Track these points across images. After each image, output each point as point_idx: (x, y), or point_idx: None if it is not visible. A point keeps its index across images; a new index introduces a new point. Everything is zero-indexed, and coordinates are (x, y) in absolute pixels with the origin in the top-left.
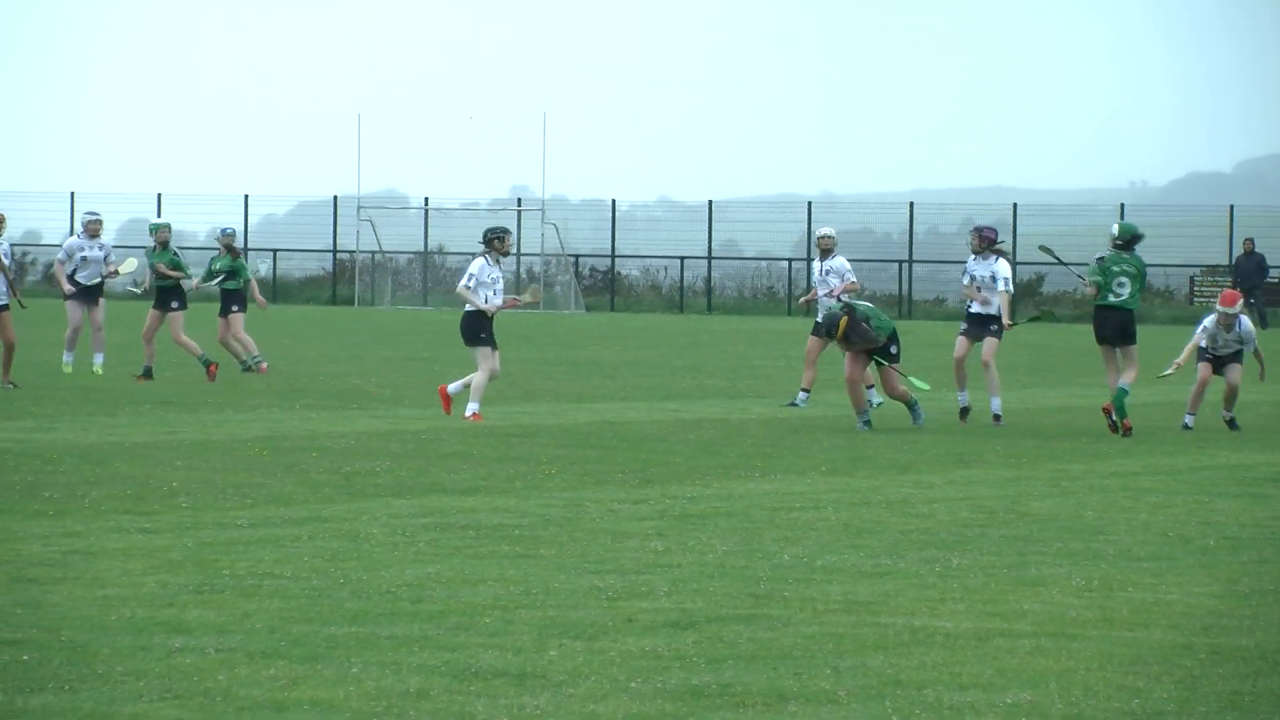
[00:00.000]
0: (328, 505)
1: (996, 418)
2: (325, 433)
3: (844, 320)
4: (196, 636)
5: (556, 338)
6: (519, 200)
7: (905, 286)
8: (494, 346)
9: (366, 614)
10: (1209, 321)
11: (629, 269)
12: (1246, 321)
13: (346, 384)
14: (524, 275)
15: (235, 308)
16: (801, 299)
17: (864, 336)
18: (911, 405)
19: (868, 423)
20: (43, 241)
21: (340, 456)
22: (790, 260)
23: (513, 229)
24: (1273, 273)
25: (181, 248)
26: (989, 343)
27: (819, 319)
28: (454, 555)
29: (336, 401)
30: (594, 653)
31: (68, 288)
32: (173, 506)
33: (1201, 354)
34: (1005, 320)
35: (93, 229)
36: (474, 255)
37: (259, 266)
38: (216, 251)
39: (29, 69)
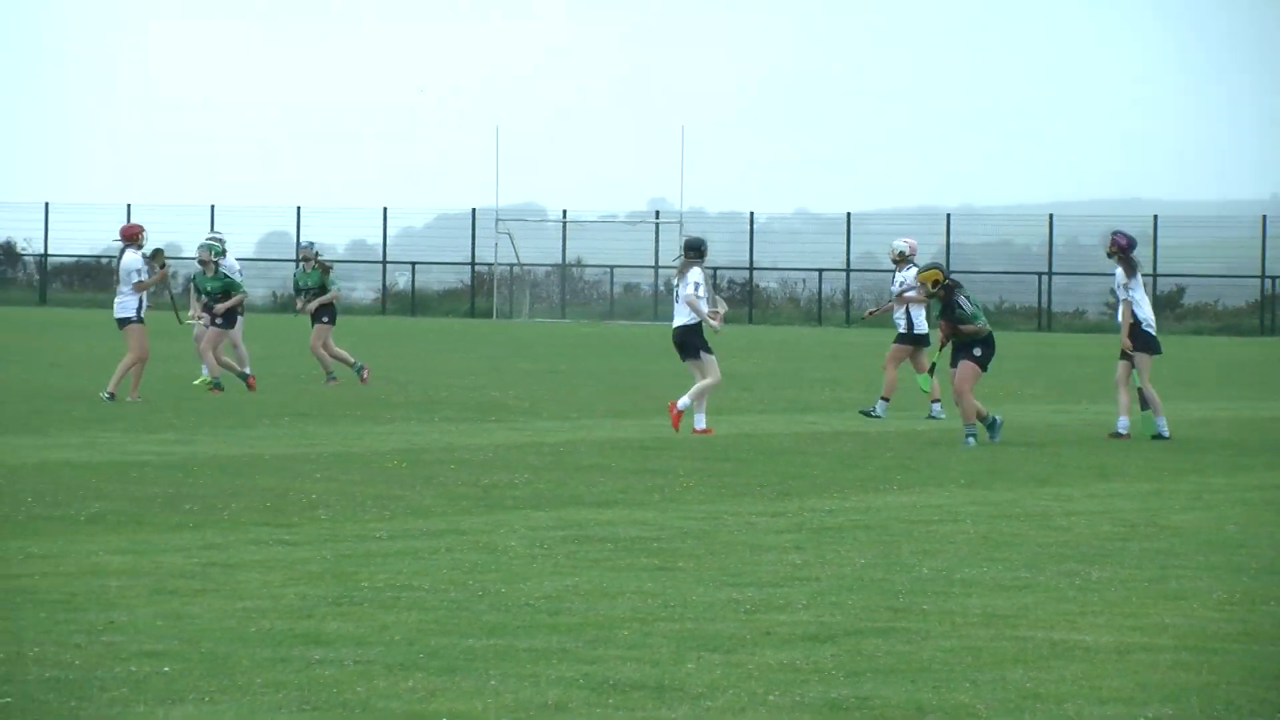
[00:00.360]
0: (466, 517)
1: (1156, 437)
2: (463, 445)
3: (940, 274)
4: (335, 648)
5: None
6: (657, 213)
7: (1045, 299)
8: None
9: (505, 626)
10: None
11: (767, 281)
12: None
13: (485, 396)
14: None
15: (325, 318)
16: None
17: (961, 314)
18: (988, 423)
19: (993, 428)
20: (183, 254)
21: (478, 469)
22: None
23: (652, 242)
24: None
25: (320, 259)
26: (1138, 360)
27: (901, 330)
28: (592, 568)
29: (475, 414)
30: (732, 665)
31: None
32: (311, 519)
33: None
34: (1123, 333)
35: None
36: (689, 265)
37: (397, 280)
38: (301, 267)
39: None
